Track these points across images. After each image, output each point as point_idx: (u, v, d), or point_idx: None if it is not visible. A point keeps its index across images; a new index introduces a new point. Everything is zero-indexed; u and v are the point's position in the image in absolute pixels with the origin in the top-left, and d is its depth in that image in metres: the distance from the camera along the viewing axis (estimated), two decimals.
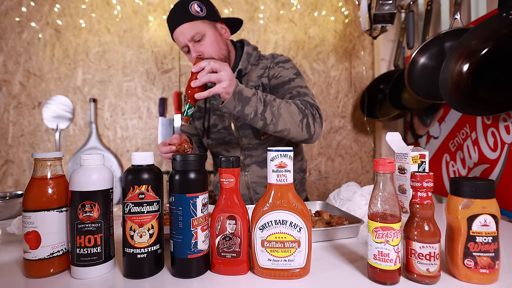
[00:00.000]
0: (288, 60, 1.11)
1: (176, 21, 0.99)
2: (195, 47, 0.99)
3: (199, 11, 0.98)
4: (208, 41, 0.99)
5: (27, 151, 1.70)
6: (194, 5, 0.98)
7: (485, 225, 0.47)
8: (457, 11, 1.16)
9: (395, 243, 0.47)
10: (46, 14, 1.70)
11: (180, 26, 0.97)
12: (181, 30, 0.98)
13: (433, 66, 1.24)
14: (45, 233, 0.51)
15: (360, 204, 0.83)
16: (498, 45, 0.97)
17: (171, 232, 0.51)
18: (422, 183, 0.47)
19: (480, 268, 0.47)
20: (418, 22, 1.56)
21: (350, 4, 1.85)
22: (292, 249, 0.50)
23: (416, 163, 0.82)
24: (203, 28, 0.99)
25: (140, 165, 0.52)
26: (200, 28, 0.98)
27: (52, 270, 0.51)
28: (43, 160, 0.53)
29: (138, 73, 1.75)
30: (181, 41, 0.99)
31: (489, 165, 1.06)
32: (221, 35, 1.04)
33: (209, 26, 1.00)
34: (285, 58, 1.11)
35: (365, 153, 1.90)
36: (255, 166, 1.09)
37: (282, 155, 0.50)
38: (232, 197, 0.52)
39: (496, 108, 0.93)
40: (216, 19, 1.04)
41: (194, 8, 0.98)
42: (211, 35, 1.00)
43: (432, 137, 1.39)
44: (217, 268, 0.52)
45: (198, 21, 0.98)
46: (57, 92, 1.71)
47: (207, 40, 0.99)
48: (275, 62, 1.10)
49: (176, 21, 0.98)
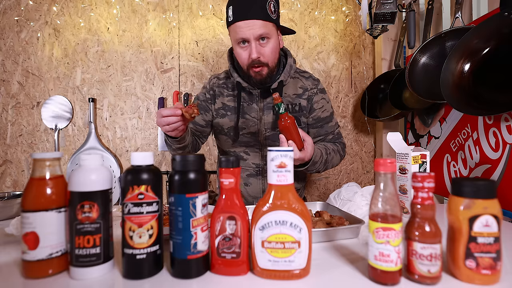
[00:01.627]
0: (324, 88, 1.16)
1: (249, 12, 0.94)
2: (258, 47, 0.97)
3: (273, 12, 0.97)
4: (271, 46, 0.99)
5: (25, 151, 1.69)
6: (272, 5, 0.96)
7: (487, 225, 0.46)
8: (458, 10, 1.16)
9: (396, 244, 0.46)
10: (45, 13, 1.69)
11: (253, 20, 0.93)
12: (251, 24, 0.94)
13: (434, 65, 1.24)
14: (44, 233, 0.50)
15: (361, 205, 0.83)
16: (499, 45, 0.96)
17: (171, 232, 0.51)
18: (423, 183, 0.47)
19: (481, 269, 0.47)
20: (419, 22, 1.56)
21: (350, 3, 1.85)
22: (292, 250, 0.49)
23: (417, 163, 0.81)
24: (271, 31, 0.98)
25: (140, 165, 0.52)
26: (270, 29, 0.97)
27: (51, 271, 0.51)
28: (41, 160, 0.53)
29: (138, 73, 1.75)
30: (246, 34, 0.95)
31: (490, 165, 1.06)
32: (279, 43, 1.05)
33: (275, 31, 1.00)
34: (322, 85, 1.15)
35: (365, 153, 1.90)
36: None
37: (282, 155, 0.49)
38: (232, 198, 0.52)
39: (498, 108, 0.93)
40: (279, 26, 1.04)
41: (271, 8, 0.96)
42: (274, 40, 1.00)
43: (433, 137, 1.39)
44: (216, 269, 0.52)
45: (270, 23, 0.96)
46: (56, 91, 1.70)
47: (270, 44, 0.99)
48: (319, 89, 1.13)
49: (250, 13, 0.94)
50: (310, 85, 1.12)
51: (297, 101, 1.10)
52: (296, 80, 1.12)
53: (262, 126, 1.09)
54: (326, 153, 1.05)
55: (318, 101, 1.12)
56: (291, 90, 1.10)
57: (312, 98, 1.11)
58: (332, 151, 1.10)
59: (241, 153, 1.14)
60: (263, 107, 1.10)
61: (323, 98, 1.14)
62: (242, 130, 1.11)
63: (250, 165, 1.15)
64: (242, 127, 1.11)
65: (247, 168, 1.16)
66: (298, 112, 1.10)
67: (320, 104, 1.12)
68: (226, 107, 1.12)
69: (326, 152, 1.05)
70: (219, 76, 1.18)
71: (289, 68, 1.08)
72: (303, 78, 1.13)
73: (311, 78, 1.14)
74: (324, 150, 1.04)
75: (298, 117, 1.10)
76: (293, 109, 1.10)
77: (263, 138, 1.10)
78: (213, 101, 1.15)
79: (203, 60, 1.78)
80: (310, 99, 1.11)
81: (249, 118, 1.10)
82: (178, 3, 1.76)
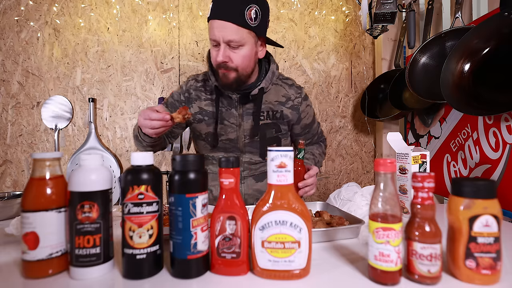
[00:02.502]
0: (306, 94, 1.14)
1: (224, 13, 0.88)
2: (226, 51, 0.91)
3: (253, 18, 0.90)
4: (242, 53, 0.92)
5: (25, 151, 1.69)
6: (252, 12, 0.89)
7: (487, 225, 0.46)
8: (458, 10, 1.16)
9: (396, 244, 0.46)
10: (45, 13, 1.69)
11: (226, 22, 0.88)
12: (223, 26, 0.88)
13: (434, 65, 1.24)
14: (44, 233, 0.50)
15: (361, 205, 0.83)
16: (499, 45, 0.96)
17: (171, 232, 0.51)
18: (423, 183, 0.47)
19: (481, 269, 0.47)
20: (419, 22, 1.56)
21: (350, 3, 1.85)
22: (292, 250, 0.49)
23: (417, 163, 0.81)
24: (246, 38, 0.91)
25: (140, 165, 0.52)
26: (243, 37, 0.90)
27: (51, 271, 0.51)
28: (41, 160, 0.53)
29: (138, 73, 1.75)
30: (216, 35, 0.90)
31: (490, 165, 1.06)
32: (256, 53, 0.98)
33: (251, 39, 0.93)
34: (304, 92, 1.12)
35: (365, 153, 1.90)
36: (251, 179, 1.09)
37: (282, 155, 0.49)
38: (232, 198, 0.52)
39: (498, 108, 0.93)
40: (262, 35, 0.97)
41: (250, 15, 0.89)
42: (248, 49, 0.93)
43: (433, 137, 1.39)
44: (216, 269, 0.52)
45: (246, 29, 0.90)
46: (56, 92, 1.70)
47: (241, 52, 0.92)
48: (303, 97, 1.10)
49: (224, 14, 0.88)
50: (294, 94, 1.08)
51: (278, 108, 1.06)
52: (278, 88, 1.08)
53: (242, 133, 1.05)
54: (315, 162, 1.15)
55: (303, 110, 1.11)
56: (272, 97, 1.06)
57: (298, 109, 1.09)
58: (318, 155, 1.18)
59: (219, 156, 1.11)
60: (243, 113, 1.05)
61: (308, 105, 1.13)
62: (221, 136, 1.06)
63: None
64: (221, 133, 1.06)
65: None
66: (278, 119, 1.07)
67: (305, 112, 1.12)
68: (203, 112, 1.07)
69: (315, 161, 1.15)
70: (198, 78, 1.12)
71: (271, 75, 1.04)
72: (286, 85, 1.09)
73: (294, 86, 1.11)
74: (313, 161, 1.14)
75: (279, 123, 1.07)
76: (273, 115, 1.06)
77: (242, 145, 1.06)
78: (188, 104, 1.09)
79: (203, 60, 1.78)
80: (295, 109, 1.08)
81: (228, 124, 1.05)
82: (178, 3, 1.76)
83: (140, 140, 0.97)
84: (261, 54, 1.01)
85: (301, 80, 1.84)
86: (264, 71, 1.06)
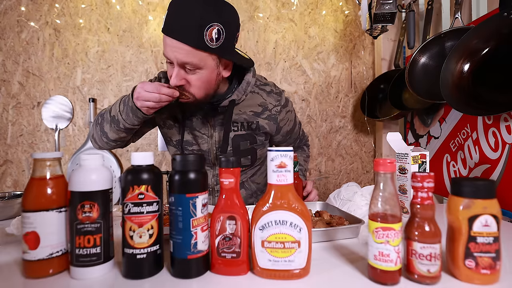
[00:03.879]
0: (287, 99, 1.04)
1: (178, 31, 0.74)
2: (181, 73, 0.79)
3: (214, 39, 0.75)
4: (200, 77, 0.80)
5: (26, 151, 1.69)
6: (213, 32, 0.74)
7: (486, 225, 0.47)
8: (458, 10, 1.16)
9: (395, 244, 0.46)
10: (46, 14, 1.69)
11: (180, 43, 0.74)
12: (177, 47, 0.75)
13: (433, 65, 1.24)
14: (44, 233, 0.50)
15: (361, 205, 0.83)
16: (499, 45, 0.97)
17: (171, 232, 0.51)
18: (423, 183, 0.47)
19: (481, 268, 0.47)
20: (419, 22, 1.56)
21: (350, 3, 1.85)
22: (292, 250, 0.49)
23: (416, 163, 0.81)
24: (204, 61, 0.78)
25: (140, 165, 0.52)
26: (201, 60, 0.77)
27: (51, 271, 0.51)
28: (42, 160, 0.53)
29: (138, 73, 1.75)
30: (169, 55, 0.77)
31: (490, 165, 1.06)
32: (218, 75, 0.84)
33: (211, 62, 0.79)
34: (284, 98, 1.02)
35: (365, 153, 1.90)
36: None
37: (282, 155, 0.49)
38: (232, 197, 0.52)
39: (497, 108, 0.93)
40: (226, 56, 0.82)
41: (211, 35, 0.74)
42: (207, 73, 0.80)
43: (432, 137, 1.39)
44: (217, 269, 0.52)
45: (204, 53, 0.76)
46: (56, 92, 1.70)
47: (198, 75, 0.80)
48: (282, 105, 1.00)
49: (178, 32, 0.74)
50: (273, 103, 0.98)
51: (254, 119, 0.97)
52: (254, 96, 0.97)
53: (213, 145, 0.98)
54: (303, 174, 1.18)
55: (283, 118, 1.02)
56: (247, 108, 0.96)
57: (276, 118, 1.00)
58: (304, 163, 1.21)
59: None
60: (214, 124, 0.96)
61: (288, 111, 1.04)
62: (192, 146, 0.99)
63: None
64: (192, 143, 0.99)
65: None
66: (254, 130, 0.98)
67: (285, 120, 1.03)
68: (172, 118, 0.99)
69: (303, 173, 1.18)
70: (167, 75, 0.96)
71: (246, 85, 0.92)
72: (264, 92, 0.98)
73: (272, 93, 0.99)
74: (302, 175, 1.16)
75: (254, 134, 0.98)
76: (249, 126, 0.97)
77: (214, 156, 1.00)
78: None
79: None
80: (273, 119, 0.99)
81: (199, 135, 0.97)
82: None
83: (119, 119, 0.85)
84: (225, 74, 0.87)
85: (301, 80, 1.84)
86: (236, 81, 0.95)
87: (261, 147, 1.03)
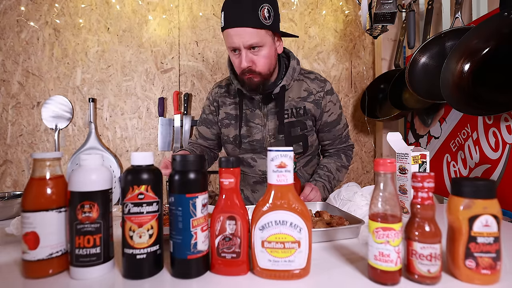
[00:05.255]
0: (333, 89, 1.10)
1: (239, 20, 0.88)
2: (249, 55, 0.92)
3: (267, 17, 0.90)
4: (264, 53, 0.93)
5: (25, 151, 1.69)
6: (265, 11, 0.89)
7: (487, 225, 0.46)
8: (458, 10, 1.16)
9: (395, 244, 0.46)
10: (45, 14, 1.69)
11: (242, 28, 0.88)
12: (241, 33, 0.88)
13: (434, 65, 1.24)
14: (44, 233, 0.50)
15: (361, 205, 0.83)
16: (499, 45, 0.96)
17: (171, 232, 0.51)
18: (423, 183, 0.47)
19: (481, 269, 0.47)
20: (419, 22, 1.56)
21: (350, 3, 1.85)
22: (292, 250, 0.49)
23: (417, 163, 0.81)
24: (265, 39, 0.92)
25: (140, 165, 0.52)
26: (262, 38, 0.91)
27: (51, 271, 0.51)
28: (42, 160, 0.53)
29: (138, 73, 1.75)
30: (236, 43, 0.90)
31: (490, 165, 1.06)
32: (275, 50, 0.99)
33: (269, 38, 0.93)
34: (329, 86, 1.09)
35: (365, 153, 1.90)
36: None
37: (282, 155, 0.49)
38: (232, 198, 0.52)
39: (497, 108, 0.93)
40: (277, 31, 0.97)
41: (264, 14, 0.89)
42: (268, 48, 0.94)
43: (433, 137, 1.39)
44: (216, 269, 0.52)
45: (263, 30, 0.90)
46: (56, 92, 1.70)
47: (263, 52, 0.93)
48: (326, 91, 1.07)
49: (240, 21, 0.88)
50: (316, 88, 1.07)
51: (301, 105, 1.06)
52: (300, 83, 1.07)
53: (267, 133, 1.07)
54: (329, 180, 1.10)
55: (325, 104, 1.07)
56: (295, 94, 1.06)
57: (320, 103, 1.06)
58: (335, 171, 1.13)
59: (249, 159, 1.12)
60: (267, 113, 1.07)
61: (330, 101, 1.08)
62: (247, 138, 1.08)
63: (257, 172, 1.13)
64: (246, 135, 1.08)
65: (253, 175, 1.14)
66: (303, 116, 1.06)
67: (327, 107, 1.08)
68: (229, 116, 1.11)
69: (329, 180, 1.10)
70: (221, 84, 1.16)
71: (292, 71, 1.03)
72: (308, 79, 1.08)
73: (317, 80, 1.08)
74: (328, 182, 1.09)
75: (304, 120, 1.06)
76: (297, 112, 1.06)
77: (268, 144, 1.08)
78: (217, 112, 1.14)
79: (203, 60, 1.78)
80: (317, 103, 1.06)
81: (253, 125, 1.08)
82: (178, 3, 1.76)
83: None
84: (279, 49, 1.01)
85: None
86: (284, 67, 1.06)
87: (311, 133, 1.10)
